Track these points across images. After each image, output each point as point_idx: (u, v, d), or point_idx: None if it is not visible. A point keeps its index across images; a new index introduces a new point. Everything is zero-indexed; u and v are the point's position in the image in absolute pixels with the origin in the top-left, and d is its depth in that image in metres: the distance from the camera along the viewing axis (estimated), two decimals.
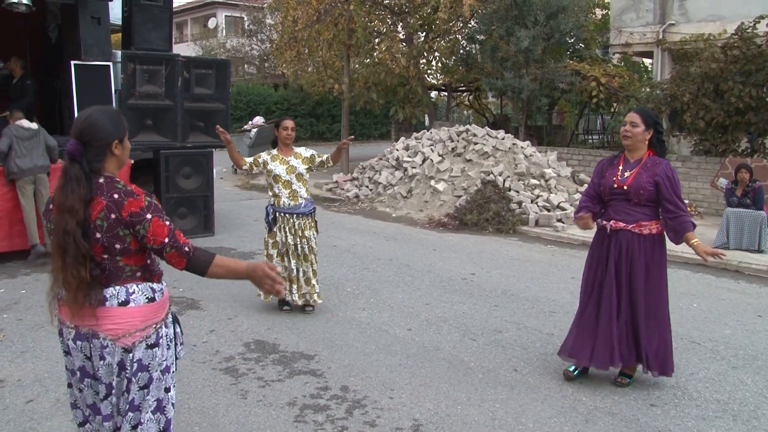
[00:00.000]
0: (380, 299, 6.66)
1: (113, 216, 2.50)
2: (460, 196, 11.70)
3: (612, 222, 4.45)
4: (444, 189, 12.03)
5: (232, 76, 25.82)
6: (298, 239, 6.01)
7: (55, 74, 10.00)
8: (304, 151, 6.16)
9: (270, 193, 6.11)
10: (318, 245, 6.35)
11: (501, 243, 9.68)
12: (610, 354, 4.44)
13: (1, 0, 7.94)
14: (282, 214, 6.01)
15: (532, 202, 11.09)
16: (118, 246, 2.53)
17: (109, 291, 2.55)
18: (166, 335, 2.69)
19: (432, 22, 18.10)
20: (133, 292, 2.58)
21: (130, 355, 2.57)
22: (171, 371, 2.73)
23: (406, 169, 13.23)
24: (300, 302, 6.11)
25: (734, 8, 13.98)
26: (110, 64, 8.62)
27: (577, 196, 11.37)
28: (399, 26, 19.48)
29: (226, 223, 10.78)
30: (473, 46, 18.55)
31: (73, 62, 8.37)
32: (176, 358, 2.81)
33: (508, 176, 11.66)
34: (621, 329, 4.44)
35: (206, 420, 4.02)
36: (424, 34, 19.28)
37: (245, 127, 19.71)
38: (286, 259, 6.05)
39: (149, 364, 2.62)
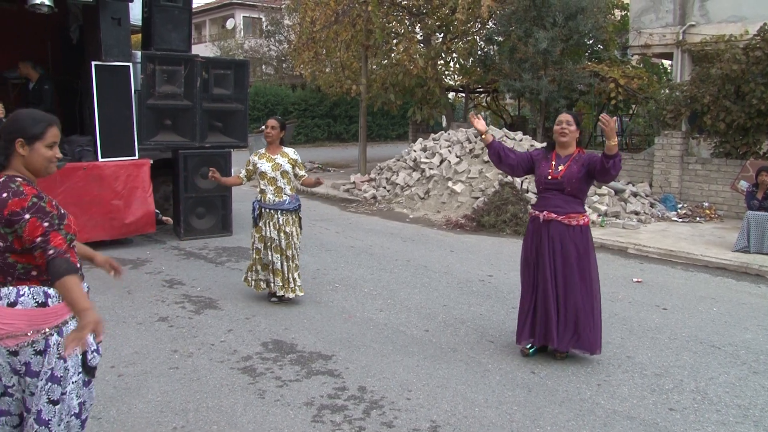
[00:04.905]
0: (397, 300, 6.66)
1: None
2: (477, 198, 11.67)
3: (545, 213, 4.91)
4: (461, 190, 12.01)
5: (250, 77, 25.87)
6: (281, 234, 6.22)
7: (76, 75, 10.07)
8: (292, 153, 6.43)
9: (257, 189, 6.36)
10: (301, 241, 6.59)
11: (518, 245, 9.55)
12: (549, 334, 4.89)
13: (23, 1, 8.02)
14: (267, 210, 6.25)
15: None
16: (1, 244, 2.53)
17: (3, 291, 2.55)
18: (57, 344, 2.59)
19: (450, 23, 18.05)
20: (23, 294, 2.56)
21: (17, 358, 2.55)
22: (62, 383, 2.61)
23: (423, 171, 13.22)
24: (279, 293, 6.31)
25: (756, 9, 13.79)
26: (130, 64, 8.68)
27: (595, 198, 11.31)
28: (417, 27, 19.44)
29: (243, 223, 10.79)
30: (491, 47, 18.48)
31: (93, 63, 8.43)
32: (86, 369, 2.70)
33: (526, 178, 11.60)
34: (557, 312, 4.86)
35: (224, 419, 4.04)
36: (442, 35, 19.21)
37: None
38: (270, 252, 6.26)
39: (39, 371, 2.57)
